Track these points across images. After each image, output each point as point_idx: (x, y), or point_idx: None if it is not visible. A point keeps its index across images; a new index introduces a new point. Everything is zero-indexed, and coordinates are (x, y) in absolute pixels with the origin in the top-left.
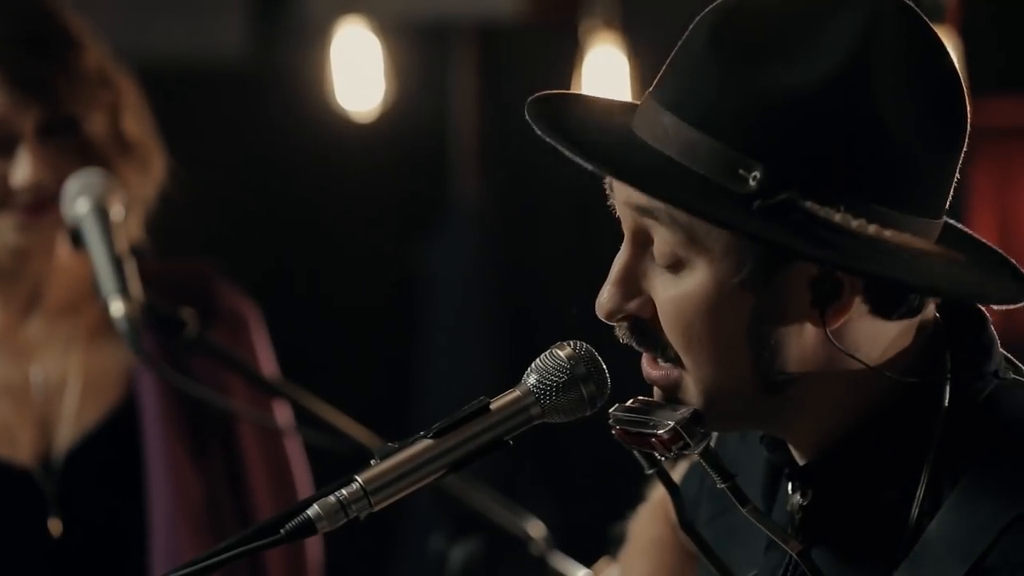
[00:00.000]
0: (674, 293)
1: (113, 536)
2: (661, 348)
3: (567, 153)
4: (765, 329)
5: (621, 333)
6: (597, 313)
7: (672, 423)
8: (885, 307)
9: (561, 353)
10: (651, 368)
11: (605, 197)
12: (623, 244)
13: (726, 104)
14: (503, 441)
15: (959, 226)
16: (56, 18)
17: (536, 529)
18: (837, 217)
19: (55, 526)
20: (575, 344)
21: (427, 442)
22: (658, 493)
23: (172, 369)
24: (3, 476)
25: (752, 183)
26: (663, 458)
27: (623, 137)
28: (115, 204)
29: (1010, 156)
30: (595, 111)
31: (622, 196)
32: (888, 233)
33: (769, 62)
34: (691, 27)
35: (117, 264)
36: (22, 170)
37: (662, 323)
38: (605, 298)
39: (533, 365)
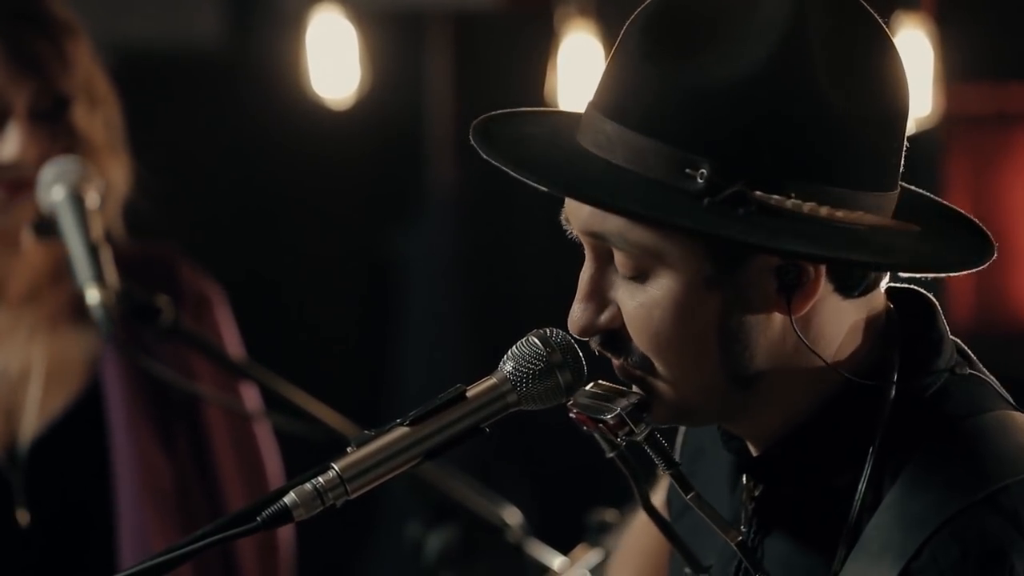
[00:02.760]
0: (641, 300)
1: (81, 524)
2: (628, 353)
3: (513, 174)
4: (733, 324)
5: (594, 346)
6: (570, 330)
7: (618, 410)
8: (848, 285)
9: (537, 340)
10: (622, 371)
11: None
12: (586, 259)
13: (665, 104)
14: (480, 429)
15: (921, 192)
16: (51, 4)
17: (512, 516)
18: (788, 203)
19: (22, 516)
20: (552, 331)
21: (403, 429)
22: (656, 497)
23: (144, 355)
24: None
25: (700, 181)
26: (622, 442)
27: (569, 150)
28: (91, 191)
29: (985, 143)
30: (541, 126)
31: (577, 224)
32: (840, 213)
33: (702, 57)
34: (622, 33)
35: (93, 252)
36: (9, 145)
37: (630, 331)
38: (577, 315)
39: (509, 352)
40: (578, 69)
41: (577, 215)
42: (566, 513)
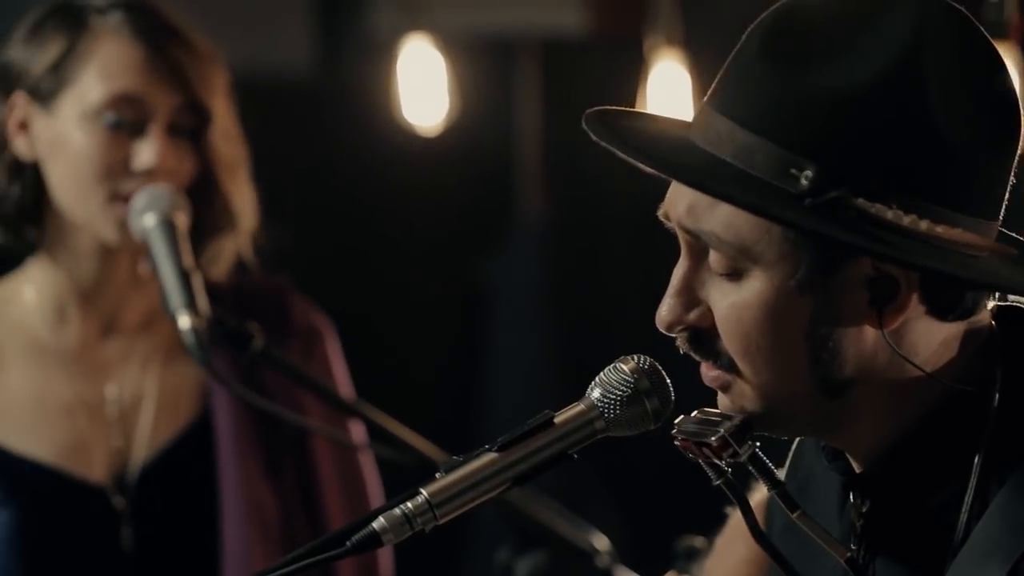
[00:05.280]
0: (733, 300)
1: (186, 554)
2: (715, 355)
3: (621, 155)
4: (823, 332)
5: (680, 343)
6: (657, 324)
7: (721, 431)
8: (941, 306)
9: (625, 367)
10: (707, 370)
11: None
12: (681, 255)
13: (778, 106)
14: (567, 455)
15: (1013, 235)
16: (197, 32)
17: (601, 542)
18: (889, 214)
19: (128, 544)
20: (639, 358)
21: (492, 455)
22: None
23: (242, 384)
24: (78, 493)
25: (804, 182)
26: (728, 468)
27: (678, 143)
28: (182, 218)
29: None
30: (652, 122)
31: (674, 216)
32: (940, 229)
33: (820, 64)
34: (745, 35)
35: (184, 278)
36: (146, 153)
37: (720, 331)
38: (665, 310)
39: (597, 379)
40: (666, 97)
41: (676, 208)
42: (655, 539)
